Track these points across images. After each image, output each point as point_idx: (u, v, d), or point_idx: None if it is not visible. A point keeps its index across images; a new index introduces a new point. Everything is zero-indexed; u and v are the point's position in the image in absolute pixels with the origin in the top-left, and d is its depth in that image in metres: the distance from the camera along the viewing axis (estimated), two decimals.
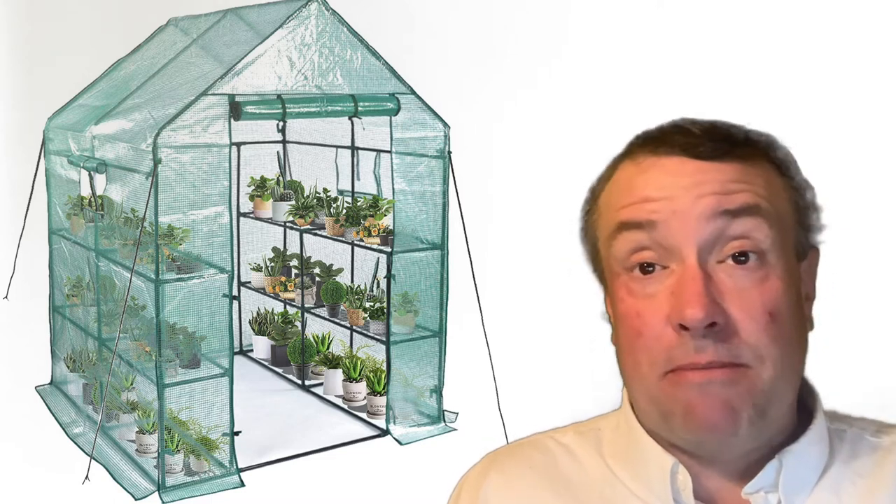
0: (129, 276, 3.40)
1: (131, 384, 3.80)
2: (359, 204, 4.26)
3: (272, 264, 4.88)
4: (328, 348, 4.69)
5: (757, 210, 0.80)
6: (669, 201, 0.80)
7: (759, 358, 0.78)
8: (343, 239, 4.25)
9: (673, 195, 0.80)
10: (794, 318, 0.81)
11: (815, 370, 0.87)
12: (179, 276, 3.46)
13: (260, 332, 4.97)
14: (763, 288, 0.79)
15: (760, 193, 0.81)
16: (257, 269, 4.91)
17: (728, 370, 0.77)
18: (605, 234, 0.86)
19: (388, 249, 3.93)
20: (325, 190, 4.45)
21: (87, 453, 3.62)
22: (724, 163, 0.82)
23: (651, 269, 0.82)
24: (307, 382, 4.60)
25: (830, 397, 0.92)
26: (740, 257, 0.79)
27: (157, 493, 3.39)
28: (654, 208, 0.81)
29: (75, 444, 3.84)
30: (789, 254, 0.82)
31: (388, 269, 3.91)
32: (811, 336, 0.86)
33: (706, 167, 0.81)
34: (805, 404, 0.87)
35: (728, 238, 0.79)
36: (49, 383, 4.52)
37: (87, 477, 3.45)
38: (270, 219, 4.71)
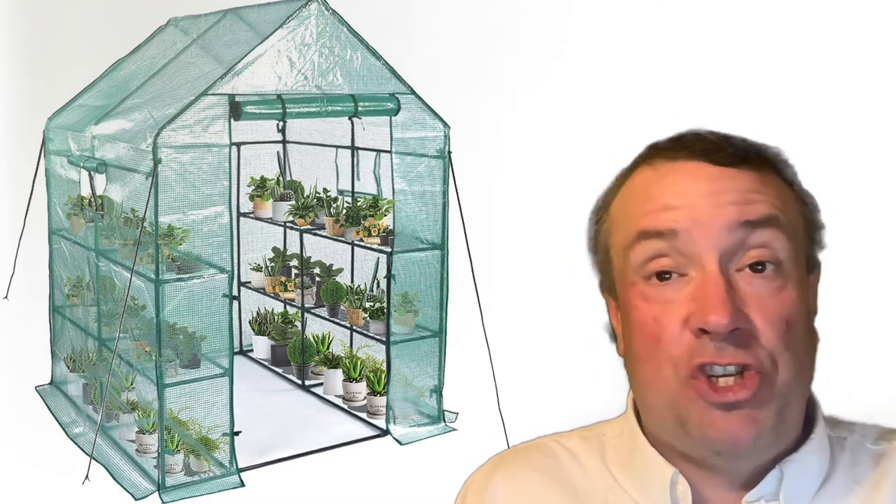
0: (129, 276, 3.40)
1: (131, 384, 3.80)
2: (359, 204, 4.26)
3: (272, 264, 4.88)
4: (328, 348, 4.69)
5: (776, 221, 0.81)
6: (690, 209, 0.81)
7: (774, 363, 0.79)
8: (343, 239, 4.25)
9: (693, 203, 0.81)
10: (806, 328, 0.82)
11: (818, 374, 0.87)
12: (179, 276, 3.46)
13: (260, 332, 4.97)
14: (781, 297, 0.80)
15: (776, 205, 0.82)
16: (257, 269, 4.91)
17: (751, 388, 0.78)
18: (622, 243, 0.86)
19: (388, 249, 3.93)
20: (325, 190, 4.45)
21: (87, 453, 3.62)
22: (741, 170, 0.83)
23: (668, 276, 0.82)
24: (307, 382, 4.60)
25: (836, 401, 0.92)
26: (758, 266, 0.80)
27: (157, 493, 3.39)
28: (675, 217, 0.81)
29: (75, 444, 3.84)
30: (801, 265, 0.83)
31: (388, 269, 3.91)
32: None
33: (724, 174, 0.82)
34: (807, 413, 0.87)
35: (748, 247, 0.80)
36: (49, 383, 4.52)
37: (87, 477, 3.45)
38: (270, 219, 4.71)
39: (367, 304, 4.26)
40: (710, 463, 0.83)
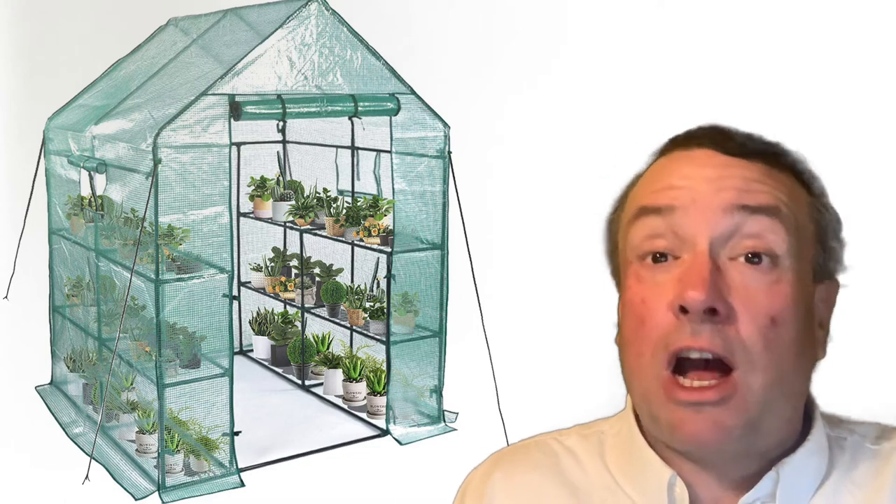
0: (129, 276, 3.40)
1: (131, 384, 3.80)
2: (359, 204, 4.26)
3: (272, 264, 4.88)
4: (328, 348, 4.69)
5: (775, 211, 0.80)
6: (690, 190, 0.81)
7: (751, 363, 0.77)
8: (343, 239, 4.25)
9: (695, 185, 0.81)
10: (798, 332, 0.80)
11: (821, 373, 0.87)
12: (179, 276, 3.46)
13: (260, 332, 4.97)
14: (771, 291, 0.78)
15: (781, 198, 0.81)
16: (257, 269, 4.91)
17: (719, 389, 0.77)
18: (625, 220, 0.86)
19: (388, 249, 3.93)
20: (325, 190, 4.45)
21: (87, 453, 3.62)
22: (750, 161, 0.82)
23: (663, 258, 0.81)
24: (307, 382, 4.60)
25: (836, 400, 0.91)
26: (753, 258, 0.79)
27: (157, 493, 3.39)
28: (675, 195, 0.81)
29: (75, 444, 3.84)
30: (805, 267, 0.81)
31: (388, 269, 3.91)
32: None
33: (732, 162, 0.82)
34: (806, 412, 0.86)
35: (743, 235, 0.79)
36: (49, 383, 4.52)
37: (87, 477, 3.45)
38: (270, 219, 4.71)
39: (367, 304, 4.26)
40: (692, 458, 0.83)
